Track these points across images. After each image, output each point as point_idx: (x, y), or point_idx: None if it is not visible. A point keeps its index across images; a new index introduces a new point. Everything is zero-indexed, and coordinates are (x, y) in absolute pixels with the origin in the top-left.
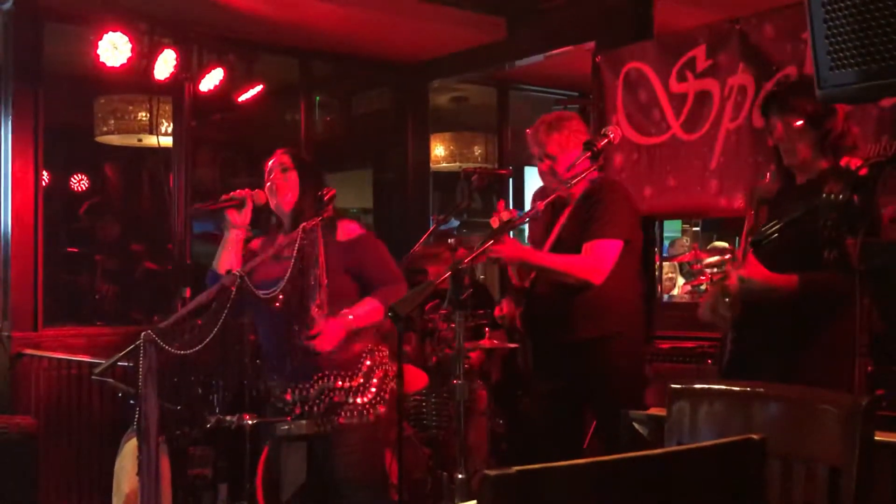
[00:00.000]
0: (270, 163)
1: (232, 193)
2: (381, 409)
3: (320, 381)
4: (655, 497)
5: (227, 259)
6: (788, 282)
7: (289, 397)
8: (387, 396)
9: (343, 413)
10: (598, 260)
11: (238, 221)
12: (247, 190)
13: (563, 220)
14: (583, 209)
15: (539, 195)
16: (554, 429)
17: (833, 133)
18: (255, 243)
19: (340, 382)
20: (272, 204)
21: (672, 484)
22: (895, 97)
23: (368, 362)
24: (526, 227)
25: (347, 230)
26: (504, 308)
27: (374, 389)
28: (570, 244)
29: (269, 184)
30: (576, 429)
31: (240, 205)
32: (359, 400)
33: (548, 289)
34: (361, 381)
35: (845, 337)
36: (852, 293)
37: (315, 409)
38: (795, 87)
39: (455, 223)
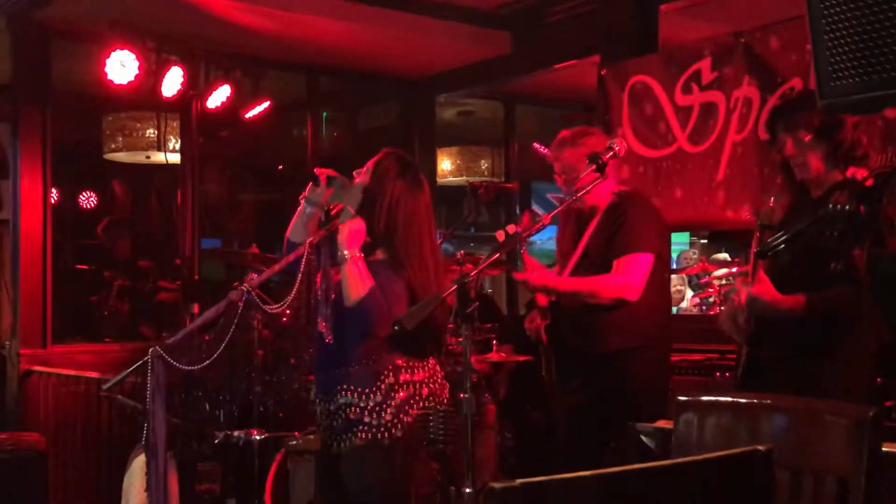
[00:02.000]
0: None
1: (318, 171)
2: (396, 433)
3: (339, 395)
4: None
5: (296, 228)
6: (795, 303)
7: (318, 409)
8: (408, 420)
9: (359, 432)
10: (631, 276)
11: (314, 199)
12: (328, 173)
13: (588, 234)
14: (609, 222)
15: (564, 212)
16: (577, 443)
17: (844, 144)
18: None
19: (357, 398)
20: None
21: (678, 495)
22: None
23: (391, 379)
24: (543, 240)
25: None
26: (536, 321)
27: (392, 410)
28: (596, 257)
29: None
30: (599, 443)
31: (317, 183)
32: (374, 420)
33: (573, 302)
34: (380, 399)
35: (860, 347)
36: (863, 307)
37: (335, 423)
38: (800, 101)
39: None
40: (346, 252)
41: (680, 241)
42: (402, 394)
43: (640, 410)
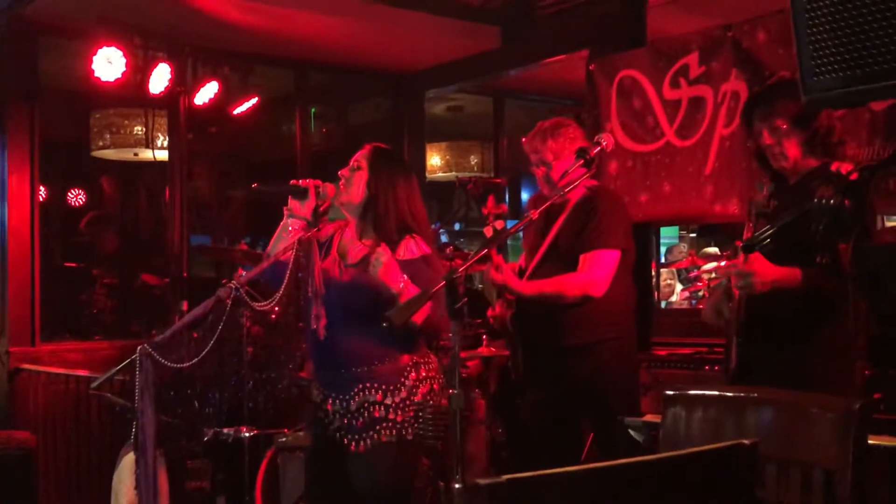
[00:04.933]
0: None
1: (299, 181)
2: (418, 428)
3: (360, 394)
4: (647, 503)
5: (278, 244)
6: (791, 273)
7: (330, 407)
8: (426, 415)
9: (383, 430)
10: (596, 272)
11: (298, 211)
12: (312, 181)
13: (557, 226)
14: (578, 217)
15: (534, 202)
16: (548, 436)
17: (820, 131)
18: (329, 229)
19: (381, 396)
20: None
21: (664, 490)
22: (883, 101)
23: (413, 375)
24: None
25: (408, 249)
26: (497, 309)
27: (415, 407)
28: (564, 251)
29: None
30: (571, 436)
31: (301, 194)
32: (399, 417)
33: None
34: (404, 395)
35: (846, 338)
36: (849, 293)
37: (355, 422)
38: (776, 89)
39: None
40: (396, 290)
41: (669, 236)
42: (422, 389)
43: (609, 404)
